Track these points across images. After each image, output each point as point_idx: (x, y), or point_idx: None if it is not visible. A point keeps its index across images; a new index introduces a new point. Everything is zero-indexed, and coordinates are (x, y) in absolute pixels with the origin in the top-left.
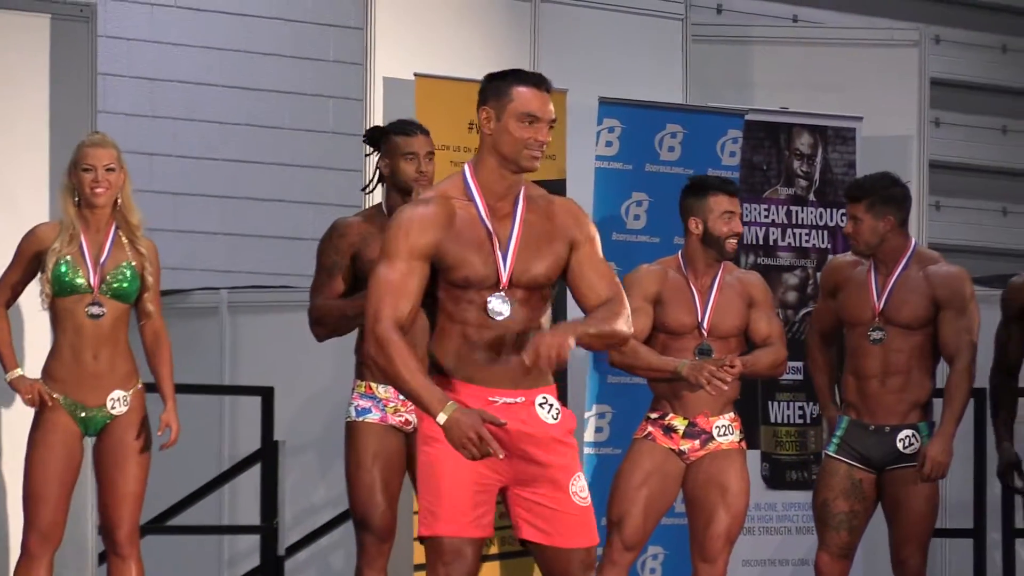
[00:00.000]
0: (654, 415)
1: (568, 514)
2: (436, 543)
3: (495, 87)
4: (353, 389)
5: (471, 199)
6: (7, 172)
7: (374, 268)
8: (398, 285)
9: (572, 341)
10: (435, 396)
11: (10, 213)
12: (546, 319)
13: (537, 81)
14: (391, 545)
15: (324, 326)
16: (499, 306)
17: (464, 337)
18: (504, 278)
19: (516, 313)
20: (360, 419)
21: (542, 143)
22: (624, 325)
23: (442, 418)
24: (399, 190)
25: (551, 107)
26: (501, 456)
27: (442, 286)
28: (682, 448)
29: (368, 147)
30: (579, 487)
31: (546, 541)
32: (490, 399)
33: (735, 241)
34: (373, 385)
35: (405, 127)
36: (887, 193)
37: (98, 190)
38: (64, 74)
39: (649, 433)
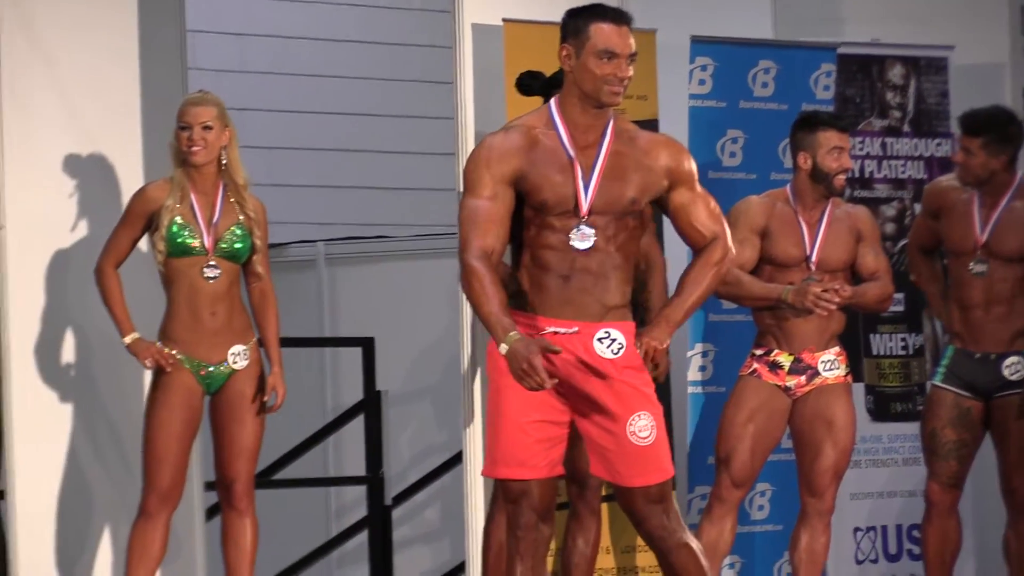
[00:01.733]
0: (759, 351)
1: (626, 453)
2: (501, 485)
3: (574, 24)
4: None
5: (554, 128)
6: (100, 135)
7: (464, 202)
8: (484, 214)
9: (667, 342)
10: (501, 325)
11: (105, 176)
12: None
13: (616, 16)
14: None
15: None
16: (580, 234)
17: (540, 264)
18: (585, 205)
19: (598, 242)
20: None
21: (622, 79)
22: (720, 261)
23: (503, 347)
24: None
25: (631, 41)
26: (548, 386)
27: (526, 213)
28: (788, 384)
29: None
30: (639, 426)
31: (609, 478)
32: (548, 329)
33: (844, 177)
34: None
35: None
36: (1005, 132)
37: (194, 148)
38: (152, 33)
39: (755, 370)
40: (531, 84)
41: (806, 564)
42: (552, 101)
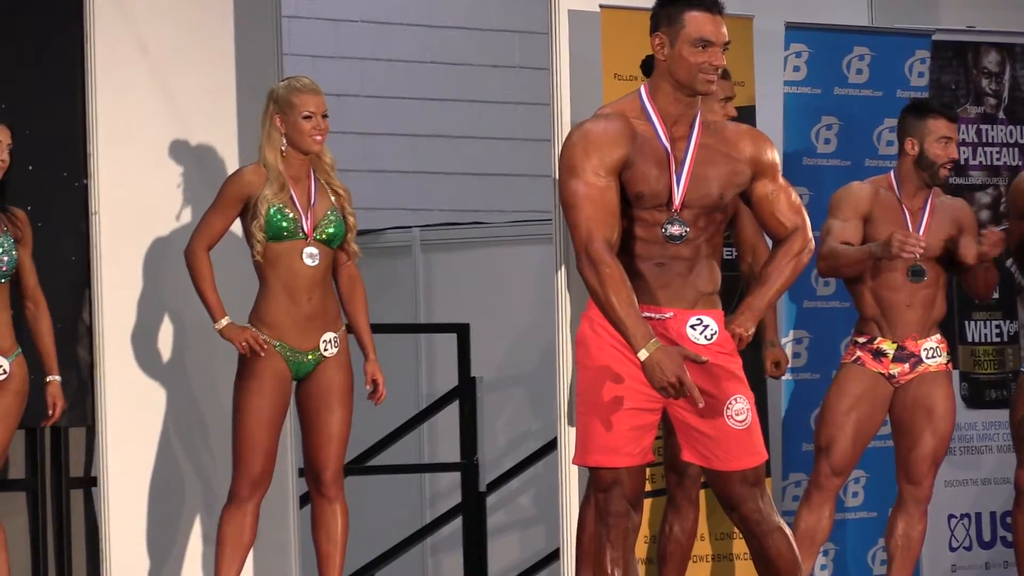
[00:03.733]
0: (861, 339)
1: (725, 438)
2: (593, 473)
3: (667, 12)
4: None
5: (648, 119)
6: (194, 120)
7: (567, 189)
8: (600, 203)
9: (752, 329)
10: (640, 331)
11: (199, 160)
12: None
13: (710, 4)
14: None
15: None
16: (674, 227)
17: (634, 254)
18: (678, 199)
19: (689, 234)
20: None
21: (717, 67)
22: (800, 252)
23: (643, 355)
24: None
25: (724, 30)
26: (701, 405)
27: (628, 209)
28: (892, 372)
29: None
30: (736, 410)
31: (705, 464)
32: (644, 315)
33: (949, 167)
34: None
35: None
36: None
37: (318, 137)
38: (248, 19)
39: (858, 357)
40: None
41: (902, 551)
42: (642, 90)
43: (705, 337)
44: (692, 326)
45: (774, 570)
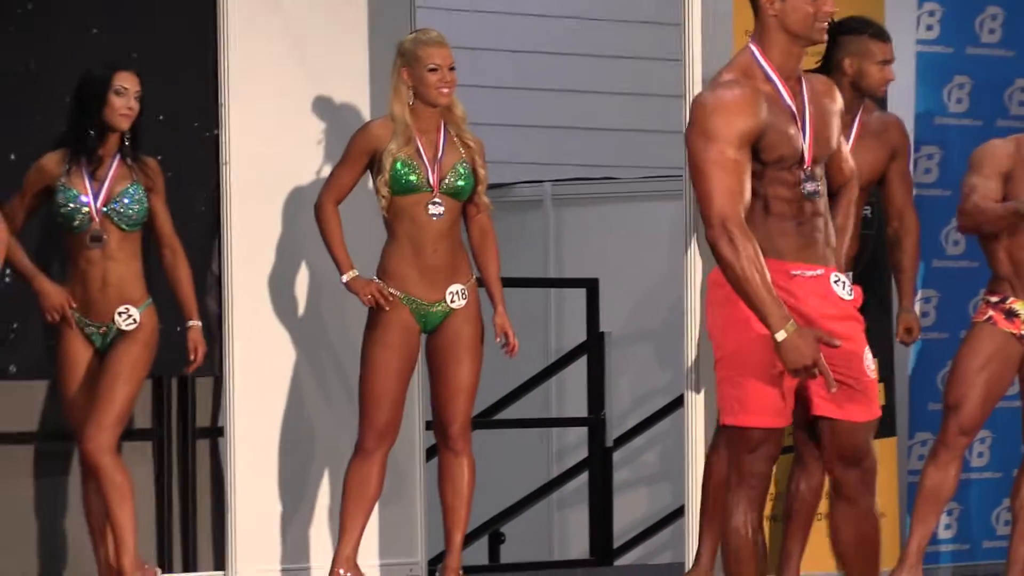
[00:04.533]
0: (994, 299)
1: (864, 388)
2: (742, 432)
3: None
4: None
5: (769, 79)
6: (325, 73)
7: (703, 156)
8: (737, 175)
9: None
10: (778, 311)
11: (331, 113)
12: None
13: None
14: None
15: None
16: (810, 184)
17: (777, 213)
18: (808, 155)
19: (820, 188)
20: None
21: (830, 13)
22: (849, 188)
23: (780, 335)
24: None
25: None
26: (834, 390)
27: (758, 169)
28: (1023, 332)
29: None
30: (869, 360)
31: (839, 415)
32: (793, 272)
33: None
34: None
35: None
36: None
37: (444, 90)
38: None
39: (990, 317)
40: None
41: None
42: (755, 49)
43: (847, 292)
44: (835, 282)
45: (869, 529)
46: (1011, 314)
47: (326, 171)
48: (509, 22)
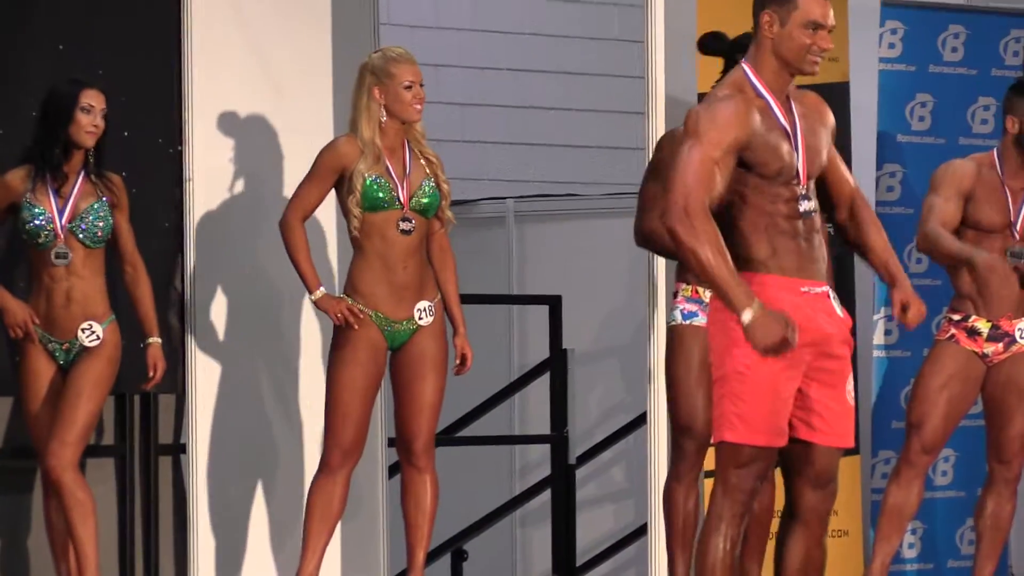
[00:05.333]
0: (956, 316)
1: (841, 413)
2: (734, 448)
3: None
4: (677, 293)
5: (760, 96)
6: (289, 89)
7: (686, 157)
8: (712, 173)
9: None
10: (741, 292)
11: (294, 129)
12: None
13: None
14: (705, 455)
15: (648, 246)
16: (807, 201)
17: (778, 230)
18: (803, 171)
19: (813, 204)
20: (687, 322)
21: (824, 49)
22: (863, 205)
23: (747, 315)
24: None
25: (832, 13)
26: (794, 347)
27: (748, 182)
28: (986, 351)
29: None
30: (850, 387)
31: (815, 439)
32: (802, 289)
33: None
34: (700, 289)
35: None
36: None
37: (418, 106)
38: None
39: (952, 335)
40: (714, 45)
41: (990, 531)
42: (746, 68)
43: (840, 311)
44: (832, 298)
45: (818, 556)
46: (973, 332)
47: (289, 188)
48: (471, 38)
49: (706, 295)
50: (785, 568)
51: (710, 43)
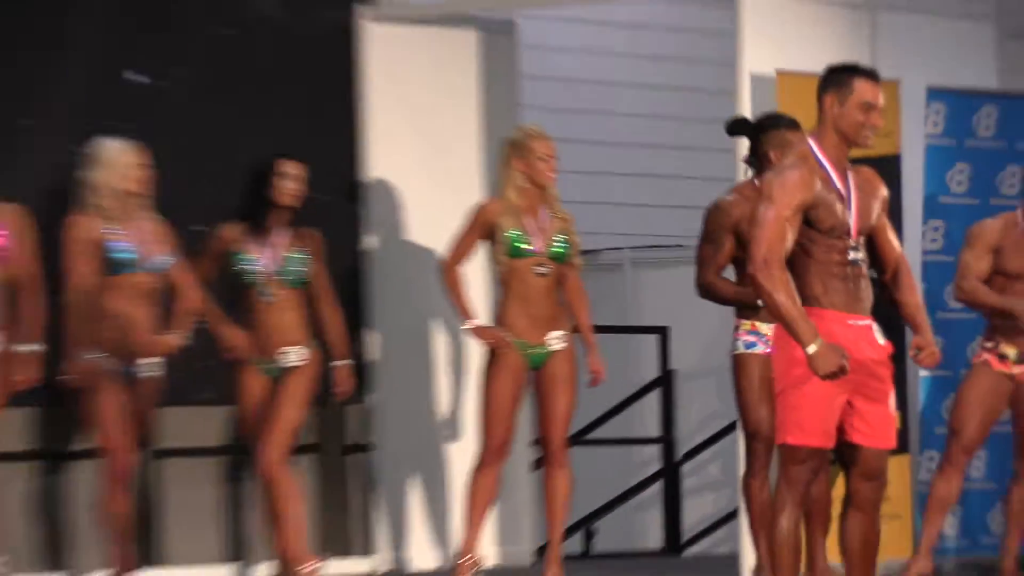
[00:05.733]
0: (989, 344)
1: (884, 422)
2: (794, 449)
3: (838, 78)
4: (737, 327)
5: (822, 165)
6: (447, 156)
7: (765, 214)
8: (783, 230)
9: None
10: (810, 328)
11: (452, 189)
12: None
13: (873, 75)
14: (772, 455)
15: (708, 297)
16: (856, 252)
17: (831, 274)
18: (854, 228)
19: (861, 255)
20: (749, 351)
21: (876, 126)
22: (905, 269)
23: (812, 348)
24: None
25: (882, 96)
26: (847, 374)
27: (809, 235)
28: (1013, 372)
29: (730, 135)
30: (892, 400)
31: (868, 443)
32: (849, 322)
33: None
34: (757, 324)
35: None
36: None
37: (551, 175)
38: (490, 76)
39: (986, 360)
40: (739, 128)
41: (1017, 515)
42: (811, 140)
43: (882, 339)
44: (876, 331)
45: (874, 532)
46: (1003, 357)
47: (445, 236)
48: (596, 119)
49: (763, 328)
50: (846, 546)
51: (736, 126)
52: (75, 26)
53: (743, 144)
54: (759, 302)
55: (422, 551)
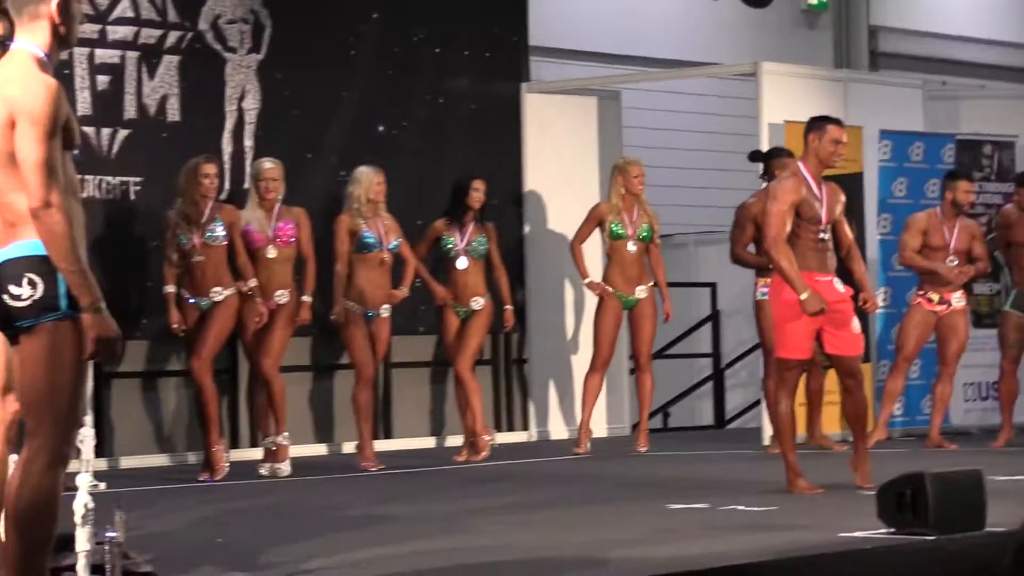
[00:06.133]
0: (920, 292)
1: (851, 338)
2: (785, 361)
3: (818, 124)
4: (756, 283)
5: (806, 179)
6: (577, 175)
7: (771, 209)
8: (785, 219)
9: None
10: (801, 283)
11: (578, 198)
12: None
13: (839, 122)
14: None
15: (738, 263)
16: (825, 234)
17: (809, 247)
18: (825, 219)
19: (828, 238)
20: (764, 299)
21: (842, 155)
22: (855, 254)
23: (804, 295)
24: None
25: (846, 135)
26: (824, 313)
27: (797, 223)
28: (936, 310)
29: (750, 162)
30: (854, 324)
31: (841, 352)
32: (817, 278)
33: (968, 206)
34: (768, 280)
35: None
36: None
37: (640, 186)
38: (603, 125)
39: (919, 302)
40: (756, 157)
41: (939, 400)
42: (800, 163)
43: (842, 288)
44: (836, 283)
45: (861, 407)
46: (930, 300)
47: (573, 226)
48: (669, 152)
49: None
50: (847, 416)
51: (755, 155)
52: (348, 92)
53: (759, 166)
54: (770, 267)
55: (558, 426)
